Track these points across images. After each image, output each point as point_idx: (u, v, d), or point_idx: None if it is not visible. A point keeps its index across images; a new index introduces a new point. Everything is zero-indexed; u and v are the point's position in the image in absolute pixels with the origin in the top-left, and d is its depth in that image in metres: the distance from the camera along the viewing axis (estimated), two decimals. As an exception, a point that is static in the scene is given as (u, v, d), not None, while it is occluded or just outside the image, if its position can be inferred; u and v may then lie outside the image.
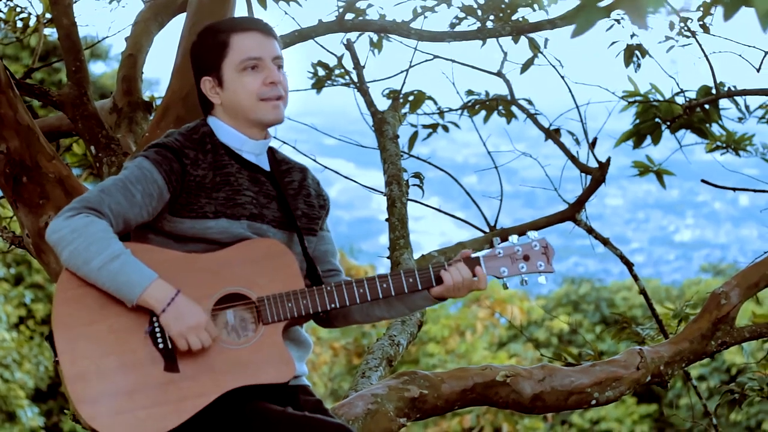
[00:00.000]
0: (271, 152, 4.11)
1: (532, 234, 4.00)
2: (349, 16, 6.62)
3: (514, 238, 3.97)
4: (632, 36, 7.12)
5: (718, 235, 64.82)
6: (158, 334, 3.74)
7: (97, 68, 22.01)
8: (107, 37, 7.19)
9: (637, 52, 7.13)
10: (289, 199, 4.04)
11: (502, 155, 7.11)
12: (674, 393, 23.37)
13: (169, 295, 3.69)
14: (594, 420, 24.44)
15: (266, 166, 4.06)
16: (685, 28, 6.96)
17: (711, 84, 6.95)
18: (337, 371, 17.87)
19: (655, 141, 7.29)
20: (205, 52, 3.99)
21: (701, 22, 6.95)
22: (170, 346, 3.74)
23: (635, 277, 6.78)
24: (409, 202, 6.21)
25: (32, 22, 7.29)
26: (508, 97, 7.16)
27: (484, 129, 7.19)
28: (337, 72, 7.15)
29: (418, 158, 6.92)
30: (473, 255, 3.97)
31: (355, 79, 6.89)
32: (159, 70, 5.60)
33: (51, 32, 7.32)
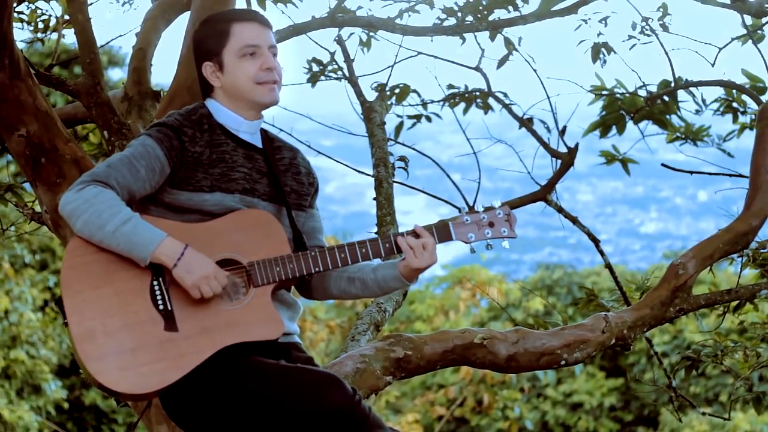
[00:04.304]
0: (264, 132, 4.12)
1: (496, 203, 3.99)
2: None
3: (479, 208, 3.95)
4: (599, 35, 7.09)
5: (679, 228, 64.92)
6: (158, 296, 3.73)
7: (114, 74, 21.89)
8: (120, 36, 7.17)
9: (603, 50, 7.11)
10: (279, 175, 4.04)
11: (481, 144, 7.09)
12: (639, 368, 23.38)
13: (178, 250, 3.71)
14: (567, 393, 24.41)
15: (259, 144, 4.06)
16: (647, 27, 6.96)
17: (670, 78, 6.94)
18: (333, 347, 17.85)
19: (620, 131, 7.29)
20: (207, 39, 4.00)
21: (661, 22, 6.95)
22: (170, 308, 3.74)
23: (601, 253, 6.76)
24: (398, 203, 6.20)
25: (52, 23, 7.27)
26: (486, 90, 7.14)
27: (467, 129, 7.16)
28: (330, 68, 7.13)
29: (403, 144, 6.91)
30: (442, 222, 3.96)
31: (346, 72, 6.89)
32: (169, 75, 5.61)
33: (72, 41, 7.28)
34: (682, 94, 7.09)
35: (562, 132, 6.73)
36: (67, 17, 7.05)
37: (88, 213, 3.67)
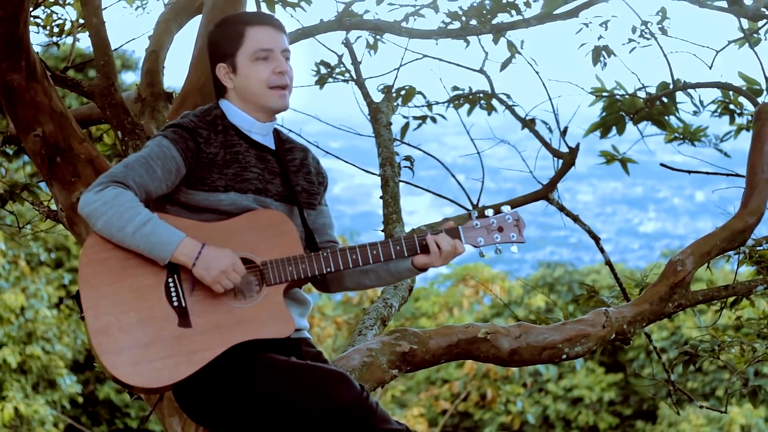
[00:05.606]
0: (276, 133, 4.11)
1: (506, 208, 4.00)
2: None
3: (489, 212, 3.95)
4: (599, 38, 7.09)
5: (677, 227, 64.87)
6: (173, 293, 3.73)
7: (128, 77, 21.87)
8: (133, 39, 7.14)
9: (603, 53, 7.10)
10: (291, 176, 4.03)
11: (485, 144, 7.08)
12: (638, 364, 23.37)
13: (196, 250, 3.71)
14: (567, 388, 24.42)
15: (272, 146, 4.06)
16: (646, 30, 6.95)
17: (669, 80, 6.93)
18: (340, 343, 17.83)
19: (620, 132, 7.27)
20: (222, 41, 3.98)
21: (660, 26, 6.94)
22: (184, 304, 3.74)
23: (601, 250, 6.74)
24: (404, 203, 6.18)
25: (67, 26, 7.26)
26: (489, 92, 7.13)
27: (471, 130, 7.15)
28: (337, 70, 7.13)
29: (409, 144, 6.90)
30: (453, 226, 3.96)
31: (354, 75, 6.89)
32: (181, 77, 5.64)
33: (87, 45, 7.28)
34: (680, 96, 7.08)
35: (563, 133, 6.72)
36: (81, 21, 7.04)
37: (108, 214, 3.68)
